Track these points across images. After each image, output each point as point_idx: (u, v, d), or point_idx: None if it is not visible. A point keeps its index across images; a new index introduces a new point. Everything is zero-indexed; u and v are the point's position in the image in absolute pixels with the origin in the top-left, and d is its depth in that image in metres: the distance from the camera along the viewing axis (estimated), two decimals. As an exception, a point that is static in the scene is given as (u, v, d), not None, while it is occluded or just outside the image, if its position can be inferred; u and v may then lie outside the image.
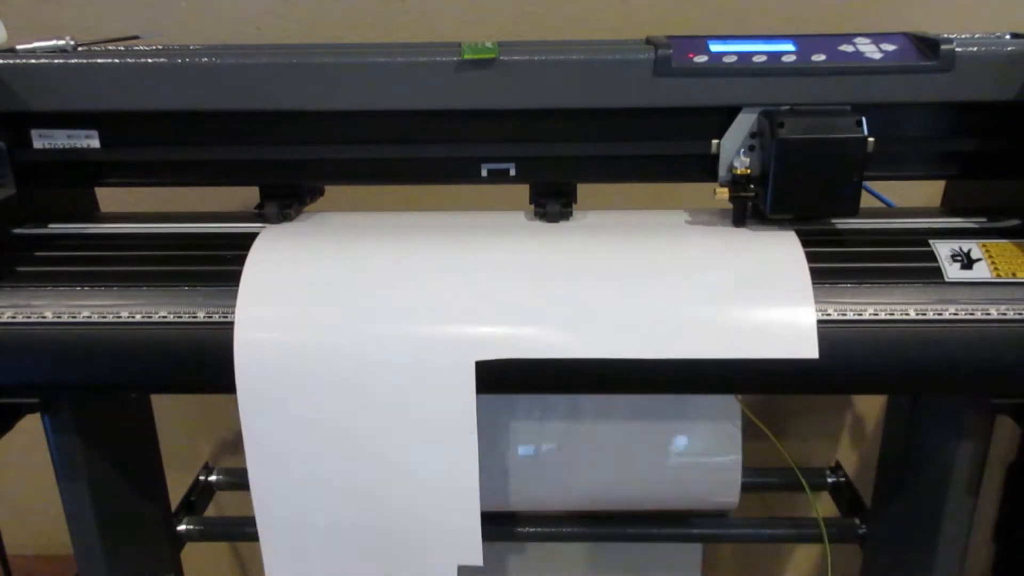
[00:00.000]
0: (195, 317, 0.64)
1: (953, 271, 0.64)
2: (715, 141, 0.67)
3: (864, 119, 0.63)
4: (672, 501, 0.91)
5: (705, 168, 0.69)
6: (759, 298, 0.63)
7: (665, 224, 0.70)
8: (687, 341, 0.62)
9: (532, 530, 0.94)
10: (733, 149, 0.67)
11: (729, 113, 0.66)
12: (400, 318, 0.63)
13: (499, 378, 0.63)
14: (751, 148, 0.67)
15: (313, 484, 0.66)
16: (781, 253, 0.65)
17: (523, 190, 0.73)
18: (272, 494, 0.66)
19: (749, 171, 0.66)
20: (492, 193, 0.75)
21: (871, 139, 0.63)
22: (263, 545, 0.68)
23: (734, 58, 0.64)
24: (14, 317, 0.65)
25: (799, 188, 0.64)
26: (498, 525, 0.93)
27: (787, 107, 0.65)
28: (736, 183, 0.67)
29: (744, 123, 0.66)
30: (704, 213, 0.72)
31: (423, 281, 0.64)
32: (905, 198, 0.83)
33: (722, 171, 0.68)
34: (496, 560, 1.01)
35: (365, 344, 0.62)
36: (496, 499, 0.88)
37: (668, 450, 0.88)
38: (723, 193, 0.67)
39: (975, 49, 0.63)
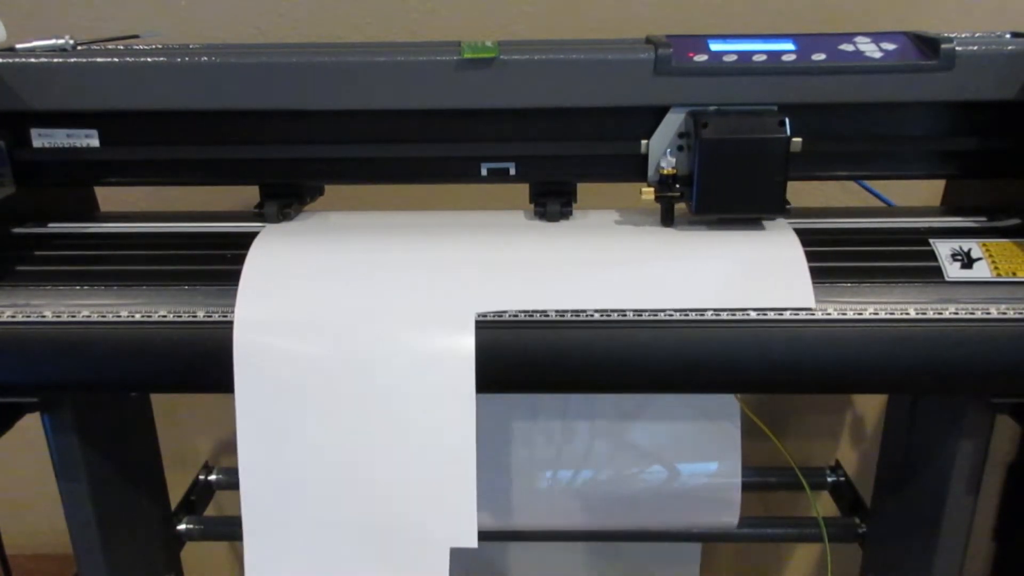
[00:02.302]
0: (195, 317, 0.64)
1: (953, 270, 0.64)
2: (644, 141, 0.67)
3: (787, 120, 0.63)
4: (670, 524, 0.91)
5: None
6: (755, 261, 0.65)
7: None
8: (685, 291, 0.63)
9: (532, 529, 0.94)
10: (661, 149, 0.67)
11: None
12: (400, 316, 0.63)
13: (498, 370, 0.63)
14: (680, 148, 0.67)
15: (307, 480, 0.65)
16: (778, 244, 0.66)
17: (523, 189, 0.73)
18: (262, 489, 0.66)
19: (675, 171, 0.67)
20: (492, 193, 0.75)
21: (796, 139, 0.64)
22: (246, 537, 0.66)
23: (734, 57, 0.64)
24: (14, 316, 0.65)
25: (724, 188, 0.65)
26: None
27: (714, 107, 0.65)
28: (663, 183, 0.67)
29: (672, 123, 0.66)
30: None
31: (423, 279, 0.64)
32: (905, 197, 0.83)
33: (651, 171, 0.68)
34: (496, 559, 1.01)
35: (364, 342, 0.62)
36: (485, 520, 0.87)
37: (666, 476, 0.88)
38: (649, 193, 0.68)
39: (975, 48, 0.63)
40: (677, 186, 0.67)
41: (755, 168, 0.64)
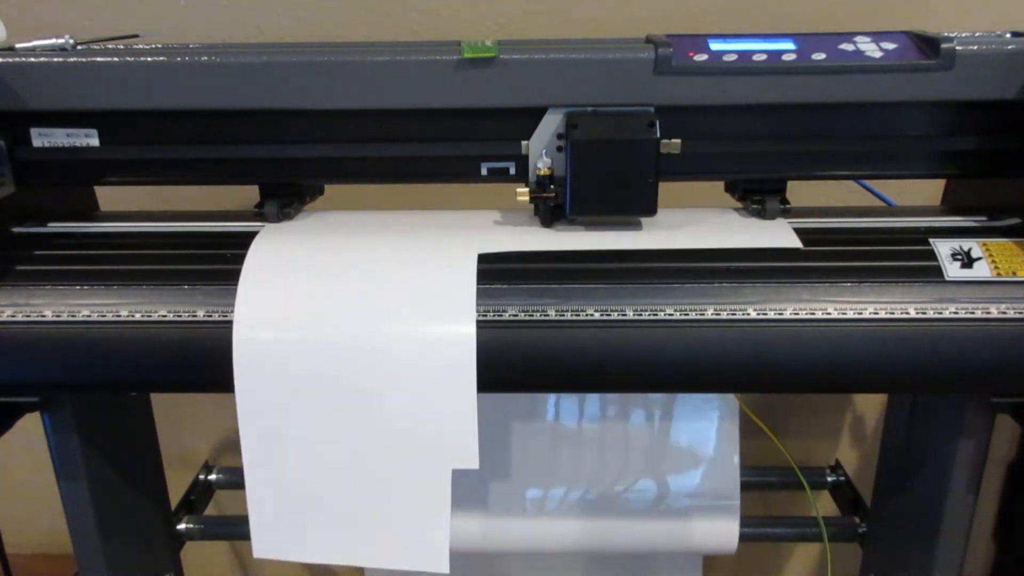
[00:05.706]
0: (195, 316, 0.64)
1: (953, 270, 0.64)
2: (524, 142, 0.67)
3: (657, 121, 0.63)
4: (666, 547, 0.92)
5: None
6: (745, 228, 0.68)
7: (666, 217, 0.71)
8: (678, 236, 0.66)
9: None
10: (539, 150, 0.67)
11: (729, 111, 0.66)
12: (399, 315, 0.63)
13: (498, 370, 0.63)
14: (559, 149, 0.67)
15: (310, 474, 0.65)
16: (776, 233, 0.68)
17: (523, 189, 0.73)
18: (267, 486, 0.66)
19: (552, 171, 0.67)
20: (492, 193, 0.75)
21: (674, 140, 0.65)
22: (254, 536, 0.67)
23: (734, 57, 0.64)
24: (14, 316, 0.65)
25: (596, 189, 0.65)
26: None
27: (591, 108, 0.65)
28: (540, 184, 0.67)
29: (551, 124, 0.66)
30: (714, 211, 0.73)
31: (423, 278, 0.64)
32: (905, 197, 0.83)
33: (531, 172, 0.68)
34: (496, 559, 1.01)
35: (364, 341, 0.62)
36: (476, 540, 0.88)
37: (662, 497, 0.89)
38: (524, 194, 0.68)
39: (976, 48, 0.63)
40: (552, 187, 0.67)
41: (626, 169, 0.64)
